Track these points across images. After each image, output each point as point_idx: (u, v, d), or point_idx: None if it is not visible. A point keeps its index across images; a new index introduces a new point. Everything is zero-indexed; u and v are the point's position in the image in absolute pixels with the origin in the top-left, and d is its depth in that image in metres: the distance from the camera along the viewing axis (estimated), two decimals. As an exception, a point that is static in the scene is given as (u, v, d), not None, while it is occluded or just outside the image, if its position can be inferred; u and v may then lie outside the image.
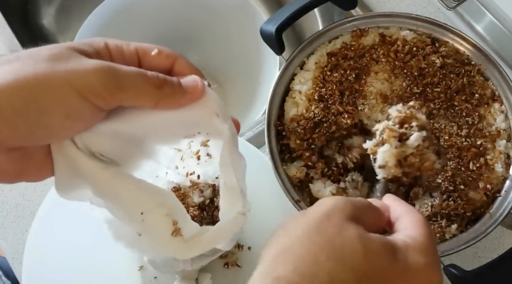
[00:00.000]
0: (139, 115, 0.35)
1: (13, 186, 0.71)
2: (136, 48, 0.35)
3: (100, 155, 0.36)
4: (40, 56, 0.31)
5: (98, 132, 0.35)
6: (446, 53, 0.59)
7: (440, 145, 0.56)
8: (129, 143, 0.37)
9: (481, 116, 0.57)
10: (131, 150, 0.38)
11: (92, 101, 0.31)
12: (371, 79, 0.59)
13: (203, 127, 0.38)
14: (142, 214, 0.36)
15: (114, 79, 0.32)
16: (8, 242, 0.68)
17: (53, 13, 0.93)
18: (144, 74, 0.33)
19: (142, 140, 0.38)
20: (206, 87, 0.36)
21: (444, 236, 0.53)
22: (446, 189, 0.55)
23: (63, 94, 0.30)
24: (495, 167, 0.55)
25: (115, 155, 0.37)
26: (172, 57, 0.36)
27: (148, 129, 0.36)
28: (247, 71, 0.86)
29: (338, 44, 0.61)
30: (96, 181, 0.35)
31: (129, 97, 0.33)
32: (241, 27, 0.83)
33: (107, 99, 0.32)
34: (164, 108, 0.35)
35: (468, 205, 0.54)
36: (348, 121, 0.57)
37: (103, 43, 0.34)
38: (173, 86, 0.34)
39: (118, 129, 0.35)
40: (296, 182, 0.57)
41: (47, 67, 0.31)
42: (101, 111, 0.33)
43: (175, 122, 0.36)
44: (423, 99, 0.58)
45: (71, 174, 0.35)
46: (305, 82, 0.59)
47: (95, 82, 0.31)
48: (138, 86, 0.33)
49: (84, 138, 0.35)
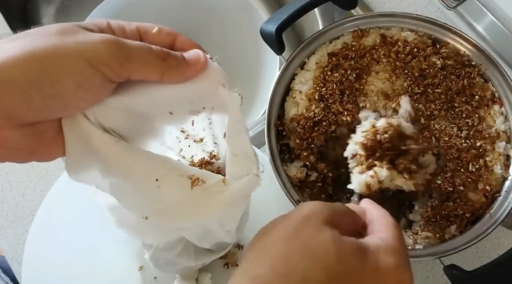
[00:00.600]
0: (146, 89, 0.36)
1: (13, 186, 0.71)
2: (137, 27, 0.37)
3: (112, 130, 0.37)
4: (49, 31, 0.32)
5: (108, 106, 0.35)
6: (446, 54, 0.59)
7: (439, 146, 0.56)
8: (137, 120, 0.38)
9: (481, 118, 0.57)
10: (139, 127, 0.39)
11: (102, 70, 0.32)
12: (372, 78, 0.59)
13: (208, 102, 0.38)
14: (157, 180, 0.36)
15: (121, 50, 0.33)
16: (8, 242, 0.68)
17: (53, 12, 0.93)
18: (149, 47, 0.34)
19: (150, 117, 0.39)
20: (209, 60, 0.37)
21: (444, 236, 0.53)
22: (445, 190, 0.55)
23: (74, 63, 0.31)
24: (494, 168, 0.55)
25: (125, 131, 0.38)
26: (172, 34, 0.38)
27: (155, 104, 0.37)
28: (247, 71, 0.86)
29: (339, 44, 0.61)
30: (108, 155, 0.36)
31: (136, 69, 0.34)
32: (241, 27, 0.83)
33: (115, 69, 0.33)
34: (169, 80, 0.36)
35: (467, 207, 0.54)
36: (348, 118, 0.57)
37: (105, 23, 0.35)
38: (177, 58, 0.35)
39: (127, 104, 0.36)
40: (296, 182, 0.57)
41: (57, 39, 0.31)
42: (111, 82, 0.34)
43: (181, 97, 0.37)
44: (424, 99, 0.58)
45: (83, 152, 0.36)
46: (306, 82, 0.59)
47: (104, 52, 0.32)
48: (144, 58, 0.34)
49: (96, 112, 0.35)
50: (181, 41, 0.38)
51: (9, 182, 0.71)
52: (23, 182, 0.71)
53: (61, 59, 0.31)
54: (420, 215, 0.56)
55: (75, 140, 0.35)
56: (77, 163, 0.36)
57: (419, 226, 0.55)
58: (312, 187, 0.58)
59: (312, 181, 0.58)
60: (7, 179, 0.71)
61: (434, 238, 0.53)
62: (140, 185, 0.36)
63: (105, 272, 0.58)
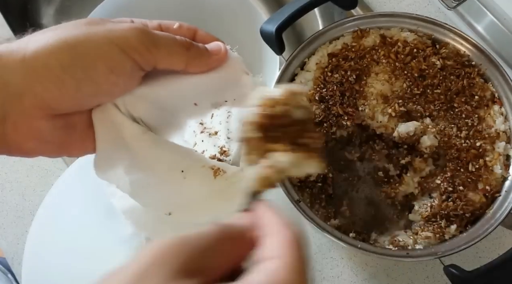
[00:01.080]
0: (172, 79, 0.37)
1: (13, 186, 0.71)
2: (159, 23, 0.38)
3: (141, 120, 0.38)
4: (78, 23, 0.34)
5: (138, 96, 0.36)
6: (446, 54, 0.59)
7: (439, 146, 0.56)
8: (163, 110, 0.39)
9: (481, 118, 0.57)
10: (165, 119, 0.40)
11: (132, 55, 0.33)
12: (372, 80, 0.59)
13: (230, 93, 0.39)
14: (183, 172, 0.37)
15: (149, 37, 0.34)
16: (7, 242, 0.68)
17: (53, 13, 0.93)
18: (174, 37, 0.36)
19: (176, 109, 0.39)
20: (230, 51, 0.39)
21: (444, 236, 0.53)
22: (445, 190, 0.55)
23: (106, 49, 0.33)
24: (494, 168, 0.55)
25: (153, 122, 0.39)
26: (192, 29, 0.40)
27: (180, 94, 0.38)
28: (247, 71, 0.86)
29: (339, 45, 0.61)
30: (137, 146, 0.37)
31: (162, 56, 0.35)
32: (241, 26, 0.83)
33: (145, 55, 0.34)
34: (193, 69, 0.37)
35: (467, 206, 0.54)
36: (348, 123, 0.57)
37: (129, 19, 0.37)
38: (199, 48, 0.37)
39: (155, 94, 0.37)
40: (296, 182, 0.57)
41: (88, 28, 0.33)
42: (140, 69, 0.35)
43: (205, 87, 0.38)
44: (424, 100, 0.58)
45: (112, 144, 0.36)
46: (306, 83, 0.59)
47: (134, 39, 0.33)
48: (170, 45, 0.35)
49: (126, 102, 0.37)
50: (201, 36, 0.40)
51: (9, 182, 0.71)
52: (23, 182, 0.71)
53: (93, 45, 0.32)
54: (420, 215, 0.56)
55: (105, 132, 0.36)
56: (105, 159, 0.37)
57: (419, 226, 0.55)
58: (312, 187, 0.58)
59: (312, 181, 0.58)
60: (7, 179, 0.71)
61: (434, 238, 0.53)
62: (167, 177, 0.37)
63: (105, 272, 0.58)
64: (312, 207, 0.56)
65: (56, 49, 0.31)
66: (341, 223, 0.57)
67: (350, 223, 0.58)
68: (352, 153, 0.61)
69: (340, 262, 0.64)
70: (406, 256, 0.52)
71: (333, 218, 0.57)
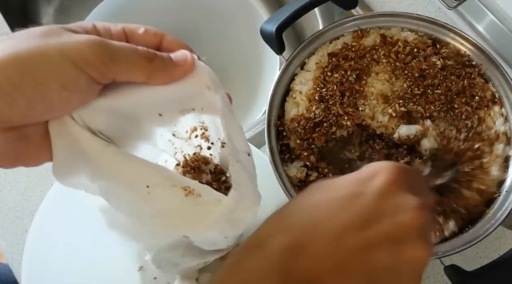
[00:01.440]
0: (132, 90, 0.35)
1: (13, 186, 0.70)
2: (123, 27, 0.36)
3: (100, 132, 0.36)
4: (32, 33, 0.32)
5: (95, 108, 0.35)
6: (447, 54, 0.59)
7: (439, 149, 0.56)
8: (125, 121, 0.37)
9: (481, 119, 0.57)
10: (128, 129, 0.38)
11: (87, 71, 0.32)
12: (372, 79, 0.58)
13: (197, 102, 0.38)
14: (148, 187, 0.36)
15: (106, 50, 0.32)
16: (7, 243, 0.68)
17: (53, 12, 0.93)
18: (135, 48, 0.34)
19: (138, 119, 0.38)
20: (196, 60, 0.36)
21: (444, 233, 0.54)
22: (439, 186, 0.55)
23: (59, 65, 0.31)
24: (490, 170, 0.55)
25: (113, 133, 0.37)
26: (159, 34, 0.37)
27: (142, 105, 0.36)
28: (247, 71, 0.86)
29: (339, 45, 0.61)
30: (98, 159, 0.35)
31: (122, 70, 0.33)
32: (241, 26, 0.83)
33: (101, 70, 0.32)
34: (156, 82, 0.35)
35: (461, 201, 0.54)
36: (348, 123, 0.57)
37: (91, 25, 0.35)
38: (164, 59, 0.35)
39: (114, 105, 0.35)
40: (296, 182, 0.57)
41: (41, 41, 0.31)
42: (97, 84, 0.33)
43: (169, 98, 0.36)
44: (424, 101, 0.58)
45: (71, 155, 0.35)
46: (306, 82, 0.59)
47: (89, 53, 0.31)
48: (129, 59, 0.33)
49: (83, 115, 0.35)
50: (168, 41, 0.37)
51: (9, 182, 0.71)
52: (23, 182, 0.71)
53: (45, 61, 0.30)
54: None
55: (63, 143, 0.35)
56: (65, 167, 0.35)
57: (418, 226, 0.55)
58: (312, 187, 0.58)
59: (312, 181, 0.58)
60: (6, 179, 0.71)
61: (434, 236, 0.53)
62: (131, 190, 0.36)
63: (104, 272, 0.58)
64: (312, 207, 0.56)
65: (4, 64, 0.30)
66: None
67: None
68: (352, 152, 0.60)
69: (340, 262, 0.64)
70: (407, 256, 0.51)
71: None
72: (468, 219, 0.55)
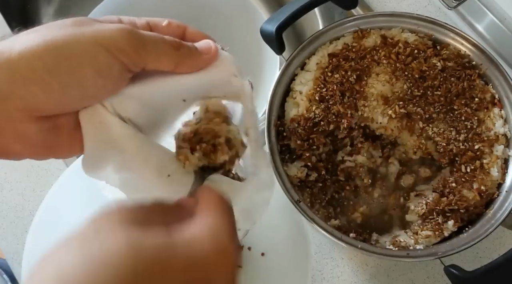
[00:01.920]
0: (160, 79, 0.36)
1: (13, 186, 0.71)
2: (147, 21, 0.37)
3: (129, 120, 0.37)
4: (64, 23, 0.32)
5: (126, 96, 0.36)
6: (447, 56, 0.59)
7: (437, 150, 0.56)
8: (153, 109, 0.38)
9: (480, 121, 0.57)
10: (153, 118, 0.39)
11: (119, 57, 0.32)
12: (372, 80, 0.58)
13: (219, 90, 0.39)
14: (169, 176, 0.37)
15: (137, 39, 0.33)
16: (7, 243, 0.68)
17: (53, 13, 0.93)
18: (162, 37, 0.35)
19: (164, 107, 0.39)
20: (220, 50, 0.38)
21: (443, 233, 0.54)
22: (438, 187, 0.56)
23: (93, 51, 0.31)
24: (490, 171, 0.55)
25: (142, 122, 0.38)
26: (182, 27, 0.38)
27: (169, 93, 0.38)
28: (247, 71, 0.86)
29: (340, 45, 0.61)
30: (127, 147, 0.36)
31: (151, 58, 0.34)
32: (241, 26, 0.83)
33: (133, 57, 0.33)
34: (183, 70, 0.36)
35: (461, 202, 0.54)
36: (348, 123, 0.57)
37: (116, 18, 0.36)
38: (189, 48, 0.36)
39: (143, 94, 0.36)
40: (296, 182, 0.57)
41: (74, 29, 0.32)
42: (128, 71, 0.34)
43: (194, 86, 0.38)
44: (424, 102, 0.58)
45: (100, 144, 0.36)
46: (306, 83, 0.59)
47: (121, 41, 0.32)
48: (159, 47, 0.34)
49: (114, 103, 0.36)
50: (191, 33, 0.39)
51: (9, 182, 0.71)
52: (23, 182, 0.71)
53: (80, 47, 0.31)
54: (416, 214, 0.56)
55: (94, 132, 0.35)
56: (94, 157, 0.36)
57: (417, 226, 0.55)
58: (312, 187, 0.58)
59: (312, 181, 0.58)
60: (6, 179, 0.71)
61: (434, 236, 0.53)
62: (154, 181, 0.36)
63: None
64: (312, 207, 0.56)
65: (41, 51, 0.30)
66: (341, 223, 0.57)
67: (350, 223, 0.58)
68: (351, 152, 0.60)
69: (340, 262, 0.64)
70: (407, 256, 0.51)
71: (333, 218, 0.57)
72: (468, 219, 0.55)
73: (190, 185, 0.37)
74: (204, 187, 0.34)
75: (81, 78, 0.32)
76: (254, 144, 0.38)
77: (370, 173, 0.60)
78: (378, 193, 0.60)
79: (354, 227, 0.57)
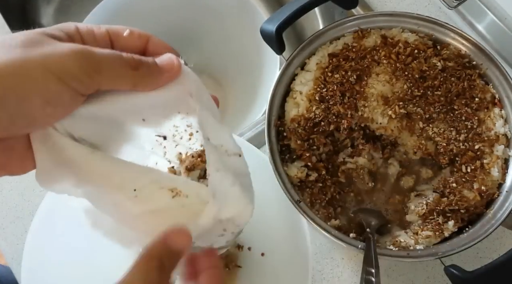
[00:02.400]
0: (116, 97, 0.34)
1: (13, 186, 0.70)
2: (107, 30, 0.35)
3: (82, 140, 0.35)
4: (13, 43, 0.30)
5: (78, 116, 0.34)
6: (447, 56, 0.59)
7: (437, 150, 0.56)
8: (108, 127, 0.36)
9: (481, 121, 0.57)
10: (112, 134, 0.37)
11: (71, 85, 0.30)
12: (372, 80, 0.58)
13: (182, 106, 0.37)
14: (135, 190, 0.35)
15: (91, 61, 0.31)
16: (7, 243, 0.68)
17: (52, 12, 0.93)
18: (120, 56, 0.32)
19: (121, 124, 0.37)
20: (183, 65, 0.36)
21: (443, 233, 0.54)
22: (438, 187, 0.56)
23: (42, 79, 0.29)
24: (491, 171, 0.55)
25: (97, 139, 0.36)
26: (144, 36, 0.36)
27: (126, 111, 0.36)
28: (247, 71, 0.86)
29: (340, 45, 0.61)
30: (83, 166, 0.34)
31: (106, 80, 0.32)
32: (241, 26, 0.83)
33: (85, 82, 0.31)
34: (141, 89, 0.34)
35: (462, 202, 0.54)
36: (347, 123, 0.57)
37: (73, 27, 0.33)
38: (149, 66, 0.34)
39: (96, 113, 0.34)
40: (296, 182, 0.57)
41: (22, 53, 0.29)
42: (81, 95, 0.32)
43: (153, 103, 0.36)
44: (424, 102, 0.58)
45: (53, 165, 0.35)
46: (306, 83, 0.59)
47: (73, 66, 0.30)
48: (114, 68, 0.32)
49: (65, 124, 0.34)
50: (154, 44, 0.36)
51: (9, 182, 0.71)
52: (23, 182, 0.71)
53: (28, 75, 0.29)
54: (416, 214, 0.56)
55: (46, 153, 0.34)
56: (48, 176, 0.35)
57: (418, 226, 0.55)
58: (312, 187, 0.58)
59: (312, 181, 0.58)
60: (6, 179, 0.71)
61: (434, 236, 0.53)
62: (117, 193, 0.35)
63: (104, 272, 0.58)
64: (312, 207, 0.56)
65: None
66: (341, 223, 0.57)
67: (350, 223, 0.58)
68: (352, 154, 0.60)
69: (340, 262, 0.64)
70: (407, 256, 0.51)
71: (334, 218, 0.57)
72: (468, 219, 0.55)
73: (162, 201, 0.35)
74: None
75: (29, 108, 0.30)
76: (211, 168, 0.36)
77: (370, 175, 0.60)
78: (378, 194, 0.59)
79: (354, 227, 0.57)
